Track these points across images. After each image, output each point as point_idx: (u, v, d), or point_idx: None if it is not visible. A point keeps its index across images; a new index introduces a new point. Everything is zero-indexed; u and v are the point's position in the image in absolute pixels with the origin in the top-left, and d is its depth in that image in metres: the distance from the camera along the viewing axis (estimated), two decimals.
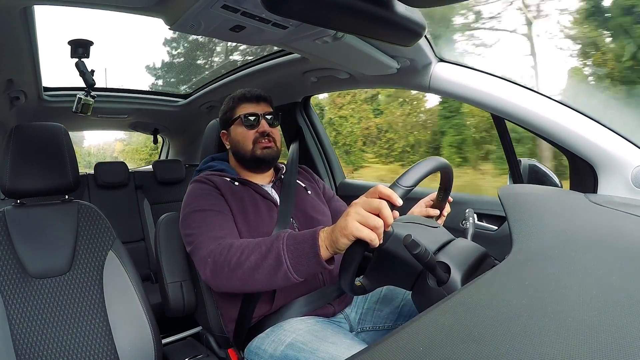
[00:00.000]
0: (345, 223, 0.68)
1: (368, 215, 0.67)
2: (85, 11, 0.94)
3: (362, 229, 0.67)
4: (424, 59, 1.10)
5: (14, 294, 0.98)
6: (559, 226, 0.64)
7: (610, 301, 0.43)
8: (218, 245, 0.87)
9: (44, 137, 1.10)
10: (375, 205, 0.67)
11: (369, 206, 0.67)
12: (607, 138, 0.93)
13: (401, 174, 0.71)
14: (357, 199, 0.71)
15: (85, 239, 1.10)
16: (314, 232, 0.75)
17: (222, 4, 0.71)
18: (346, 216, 0.69)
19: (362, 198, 0.70)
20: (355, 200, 0.71)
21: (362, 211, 0.67)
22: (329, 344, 0.82)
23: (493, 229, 1.27)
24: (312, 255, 0.73)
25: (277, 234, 0.81)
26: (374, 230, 0.67)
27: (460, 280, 0.67)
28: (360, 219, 0.67)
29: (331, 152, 1.96)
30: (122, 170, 2.35)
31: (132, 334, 1.06)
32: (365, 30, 0.72)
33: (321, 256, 0.73)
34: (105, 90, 2.08)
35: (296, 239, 0.77)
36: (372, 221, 0.66)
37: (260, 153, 1.09)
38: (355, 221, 0.67)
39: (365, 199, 0.69)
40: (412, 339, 0.41)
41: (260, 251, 0.80)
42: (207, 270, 0.87)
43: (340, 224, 0.69)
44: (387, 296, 1.04)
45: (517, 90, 1.02)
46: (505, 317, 0.42)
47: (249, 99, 1.12)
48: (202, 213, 0.97)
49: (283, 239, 0.78)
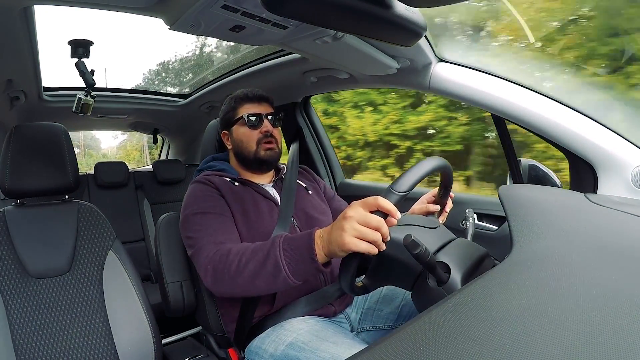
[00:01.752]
0: (342, 239, 0.67)
1: (366, 231, 0.66)
2: (85, 11, 0.94)
3: (360, 243, 0.66)
4: (424, 59, 1.10)
5: (14, 294, 0.98)
6: (559, 226, 0.64)
7: (610, 301, 0.43)
8: (217, 252, 0.87)
9: (44, 137, 1.10)
10: (374, 224, 0.66)
11: (365, 222, 0.66)
12: (607, 138, 0.93)
13: (396, 179, 0.71)
14: (351, 209, 0.68)
15: (85, 239, 1.10)
16: (310, 236, 0.75)
17: (222, 4, 0.71)
18: (342, 231, 0.67)
19: (359, 210, 0.68)
20: (350, 210, 0.68)
21: (358, 226, 0.66)
22: (329, 344, 0.82)
23: (493, 229, 1.27)
24: (309, 260, 0.74)
25: (273, 239, 0.81)
26: (372, 244, 0.67)
27: (460, 280, 0.67)
28: (357, 235, 0.66)
29: (331, 152, 1.96)
30: (122, 170, 2.35)
31: (132, 334, 1.06)
32: (365, 30, 0.72)
33: (318, 261, 0.73)
34: (105, 90, 2.08)
35: (292, 245, 0.77)
36: (370, 236, 0.66)
37: (264, 155, 1.09)
38: (352, 237, 0.66)
39: (362, 212, 0.67)
40: (412, 339, 0.41)
41: (258, 259, 0.80)
42: (208, 278, 0.88)
43: (337, 240, 0.68)
44: (387, 296, 1.04)
45: (517, 90, 1.02)
46: (505, 317, 0.42)
47: (251, 99, 1.12)
48: (202, 216, 0.97)
49: (279, 245, 0.78)
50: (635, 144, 0.92)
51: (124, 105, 2.18)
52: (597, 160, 0.94)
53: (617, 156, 0.91)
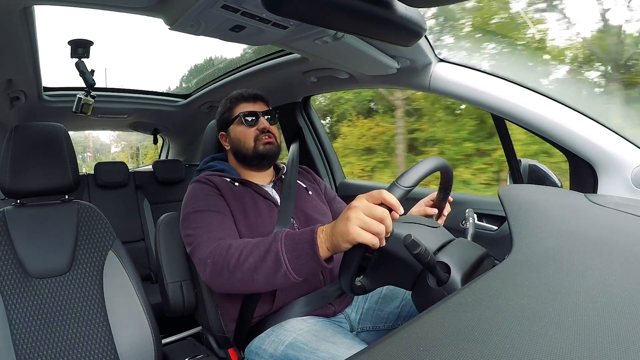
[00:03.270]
0: (347, 228, 0.67)
1: (370, 222, 0.66)
2: (85, 11, 0.94)
3: (364, 234, 0.66)
4: (424, 59, 1.10)
5: (14, 294, 0.98)
6: (559, 226, 0.64)
7: (610, 301, 0.43)
8: (217, 247, 0.87)
9: (44, 137, 1.10)
10: (379, 215, 0.66)
11: (370, 212, 0.66)
12: (607, 138, 0.93)
13: (401, 174, 0.71)
14: (357, 200, 0.69)
15: (85, 239, 1.10)
16: (312, 231, 0.75)
17: (222, 4, 0.71)
18: (347, 220, 0.67)
19: (363, 201, 0.68)
20: (356, 201, 0.69)
21: (363, 217, 0.66)
22: (329, 344, 0.82)
23: (493, 229, 1.27)
24: (311, 255, 0.73)
25: (275, 234, 0.80)
26: (376, 235, 0.67)
27: (460, 280, 0.67)
28: (362, 225, 0.66)
29: (331, 152, 1.96)
30: (122, 170, 2.35)
31: (132, 334, 1.06)
32: (365, 30, 0.72)
33: (320, 256, 0.72)
34: (105, 90, 2.08)
35: (294, 239, 0.76)
36: (374, 227, 0.66)
37: (263, 149, 1.09)
38: (357, 227, 0.66)
39: (367, 203, 0.68)
40: (412, 339, 0.41)
41: (259, 252, 0.79)
42: (207, 272, 0.87)
43: (342, 229, 0.68)
44: (387, 296, 1.04)
45: (517, 90, 1.02)
46: (505, 317, 0.42)
47: (247, 99, 1.13)
48: (201, 213, 0.97)
49: (281, 239, 0.78)
50: (635, 144, 0.92)
51: (124, 105, 2.18)
52: (597, 160, 0.94)
53: (617, 156, 0.91)
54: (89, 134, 16.39)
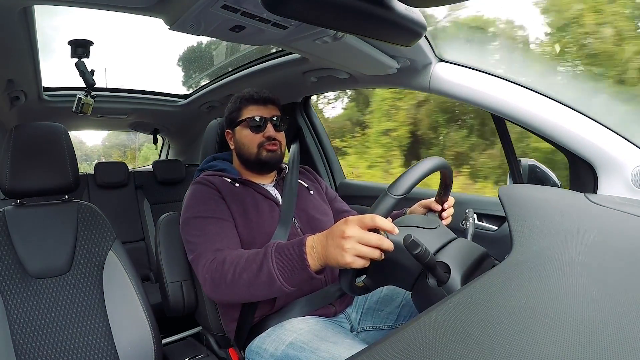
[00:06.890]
0: (343, 259, 0.67)
1: (366, 250, 0.67)
2: (85, 11, 0.94)
3: (359, 261, 0.67)
4: (424, 59, 1.10)
5: (14, 294, 0.98)
6: (559, 226, 0.64)
7: (610, 302, 0.43)
8: (213, 261, 0.88)
9: (44, 137, 1.10)
10: (374, 243, 0.67)
11: (365, 242, 0.67)
12: (607, 138, 0.93)
13: (393, 181, 0.71)
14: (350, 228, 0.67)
15: (85, 239, 1.10)
16: (301, 245, 0.75)
17: (222, 4, 0.71)
18: (342, 250, 0.67)
19: (357, 230, 0.67)
20: (349, 229, 0.67)
21: (359, 247, 0.67)
22: (329, 344, 0.82)
23: (493, 229, 1.27)
24: (302, 269, 0.74)
25: (265, 249, 0.81)
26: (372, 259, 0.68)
27: (460, 280, 0.67)
28: (358, 254, 0.67)
29: (331, 152, 1.96)
30: (122, 170, 2.35)
31: (132, 334, 1.06)
32: (365, 30, 0.72)
33: (311, 270, 0.74)
34: (105, 90, 2.08)
35: (284, 255, 0.77)
36: (370, 255, 0.67)
37: (265, 156, 1.08)
38: (352, 255, 0.67)
39: (361, 232, 0.67)
40: (412, 339, 0.41)
41: (252, 269, 0.80)
42: (207, 286, 0.88)
43: (337, 258, 0.68)
44: (388, 296, 1.04)
45: (517, 90, 1.02)
46: (505, 317, 0.42)
47: (257, 101, 1.11)
48: (202, 220, 0.97)
49: (271, 255, 0.78)
50: (635, 144, 0.92)
51: (124, 105, 2.18)
52: (597, 160, 0.94)
53: (617, 156, 0.92)
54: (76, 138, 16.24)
